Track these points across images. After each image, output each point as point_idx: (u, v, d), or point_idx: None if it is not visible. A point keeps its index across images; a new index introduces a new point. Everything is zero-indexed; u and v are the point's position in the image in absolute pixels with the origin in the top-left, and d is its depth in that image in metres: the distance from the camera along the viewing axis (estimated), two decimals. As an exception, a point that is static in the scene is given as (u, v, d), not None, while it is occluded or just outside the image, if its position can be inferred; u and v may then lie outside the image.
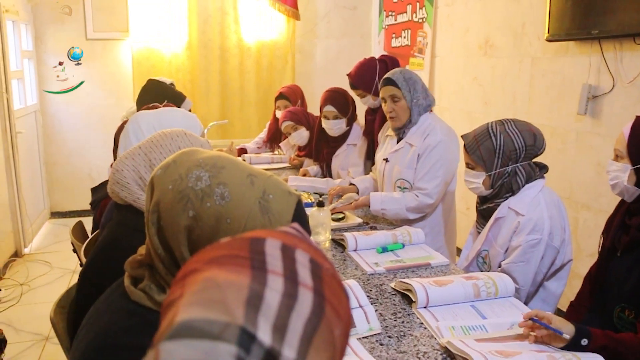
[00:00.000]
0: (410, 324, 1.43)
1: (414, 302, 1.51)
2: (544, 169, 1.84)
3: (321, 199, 2.09)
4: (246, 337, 0.35)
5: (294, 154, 3.49)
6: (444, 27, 4.10)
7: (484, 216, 1.89)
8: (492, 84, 3.54)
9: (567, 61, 2.88)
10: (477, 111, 3.72)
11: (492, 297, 1.54)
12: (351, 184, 2.54)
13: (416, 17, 4.42)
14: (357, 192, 2.48)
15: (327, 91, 2.91)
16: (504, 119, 1.82)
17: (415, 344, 1.33)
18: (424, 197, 2.21)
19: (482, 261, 1.89)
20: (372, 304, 1.50)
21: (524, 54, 3.22)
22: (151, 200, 0.85)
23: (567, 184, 2.88)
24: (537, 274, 1.73)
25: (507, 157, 1.75)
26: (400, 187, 2.33)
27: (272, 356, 0.36)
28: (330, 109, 2.85)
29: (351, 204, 2.33)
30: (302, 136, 3.25)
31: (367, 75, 2.66)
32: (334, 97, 2.87)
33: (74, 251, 2.14)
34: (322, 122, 2.94)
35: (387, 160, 2.40)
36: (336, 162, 3.03)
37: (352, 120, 2.95)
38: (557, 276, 1.79)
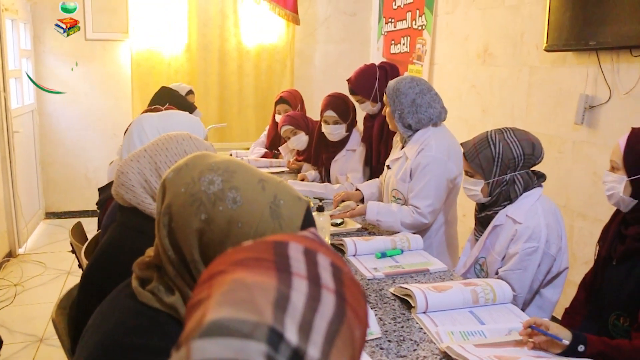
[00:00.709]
0: (409, 329, 1.44)
1: (414, 307, 1.52)
2: (541, 177, 1.86)
3: (321, 204, 2.11)
4: (275, 337, 0.37)
5: (293, 158, 3.51)
6: (443, 35, 4.14)
7: (482, 223, 1.91)
8: (490, 92, 3.58)
9: (564, 71, 2.92)
10: (474, 119, 3.75)
11: (490, 304, 1.56)
12: (357, 190, 2.54)
13: (416, 24, 4.46)
14: (362, 198, 2.48)
15: (328, 96, 2.93)
16: (504, 128, 1.85)
17: (414, 349, 1.34)
18: (418, 216, 2.18)
19: (479, 268, 1.91)
20: (371, 309, 1.51)
21: (522, 63, 3.26)
22: (162, 202, 0.86)
23: (563, 192, 2.92)
24: (534, 281, 1.75)
25: (505, 166, 1.78)
26: (394, 197, 2.34)
27: (298, 355, 0.37)
28: (330, 113, 2.87)
29: (348, 212, 2.34)
30: (301, 141, 3.26)
31: (366, 81, 2.68)
32: (335, 102, 2.88)
33: (73, 252, 2.14)
34: (322, 126, 2.96)
35: (389, 167, 2.41)
36: (335, 168, 3.04)
37: (352, 126, 2.97)
38: (553, 284, 1.81)
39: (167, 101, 2.90)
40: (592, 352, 1.27)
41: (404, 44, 4.67)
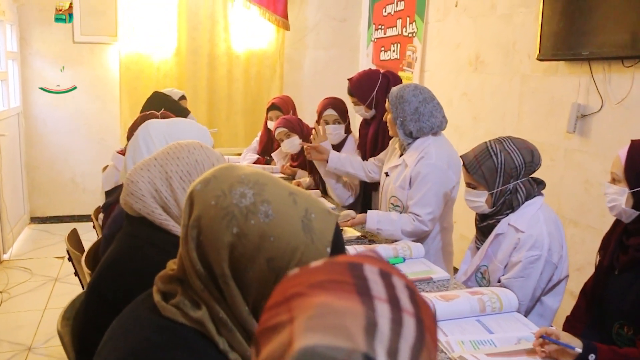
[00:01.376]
0: (418, 339, 1.44)
1: (421, 316, 1.52)
2: (541, 184, 1.90)
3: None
4: None
5: (287, 163, 3.50)
6: (434, 43, 4.17)
7: (483, 232, 1.92)
8: (482, 99, 3.62)
9: (556, 80, 2.96)
10: (465, 126, 3.78)
11: (497, 312, 1.57)
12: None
13: (406, 31, 4.49)
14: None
15: (326, 98, 2.96)
16: (501, 137, 1.87)
17: (426, 359, 1.34)
18: (419, 224, 2.19)
19: (480, 276, 1.93)
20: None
21: (514, 72, 3.30)
22: (190, 215, 0.84)
23: (555, 199, 2.96)
24: (536, 289, 1.77)
25: (508, 175, 1.80)
26: (393, 204, 2.35)
27: None
28: (331, 112, 2.88)
29: (348, 221, 2.34)
30: (294, 144, 3.26)
31: (366, 85, 2.69)
32: (335, 102, 2.91)
33: (70, 260, 2.10)
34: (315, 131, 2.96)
35: (387, 174, 2.42)
36: (329, 174, 3.04)
37: (347, 130, 2.98)
38: (554, 291, 1.84)
39: (161, 106, 2.86)
40: (602, 360, 1.28)
41: (393, 51, 4.69)
